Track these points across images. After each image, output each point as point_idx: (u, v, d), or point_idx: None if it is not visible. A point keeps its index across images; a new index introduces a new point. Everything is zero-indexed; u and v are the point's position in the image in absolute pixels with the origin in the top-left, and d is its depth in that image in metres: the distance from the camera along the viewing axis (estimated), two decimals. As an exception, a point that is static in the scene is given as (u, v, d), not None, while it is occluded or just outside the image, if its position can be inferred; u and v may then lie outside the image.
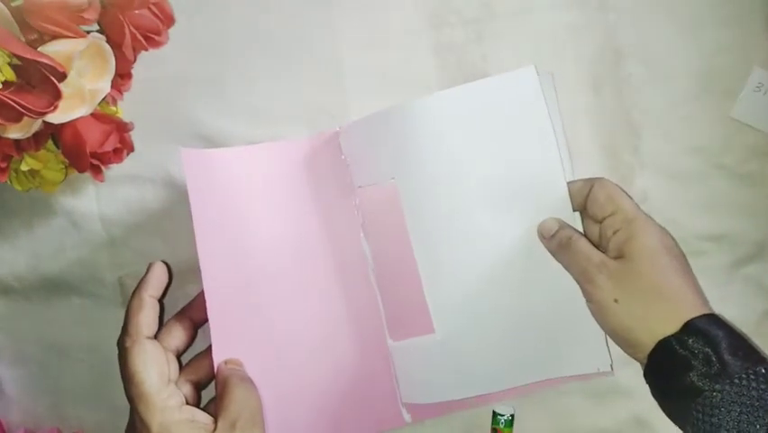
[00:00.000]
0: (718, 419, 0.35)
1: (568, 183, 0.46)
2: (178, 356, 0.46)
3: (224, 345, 0.45)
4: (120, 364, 0.44)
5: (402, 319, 0.49)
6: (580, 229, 0.46)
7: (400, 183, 0.47)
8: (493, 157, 0.46)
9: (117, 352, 0.44)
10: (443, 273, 0.47)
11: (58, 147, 0.45)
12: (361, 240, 0.50)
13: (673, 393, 0.38)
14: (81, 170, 0.45)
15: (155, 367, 0.43)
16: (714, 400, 0.36)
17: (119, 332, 0.45)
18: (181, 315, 0.47)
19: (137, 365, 0.42)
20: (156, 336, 0.45)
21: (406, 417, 0.50)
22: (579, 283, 0.43)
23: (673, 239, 0.44)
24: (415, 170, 0.46)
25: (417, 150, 0.46)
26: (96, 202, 0.51)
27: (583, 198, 0.45)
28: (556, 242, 0.44)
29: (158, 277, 0.46)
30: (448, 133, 0.46)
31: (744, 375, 0.36)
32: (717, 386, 0.36)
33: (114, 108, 0.47)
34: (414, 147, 0.46)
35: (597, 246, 0.44)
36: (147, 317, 0.44)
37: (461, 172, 0.46)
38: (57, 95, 0.39)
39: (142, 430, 0.41)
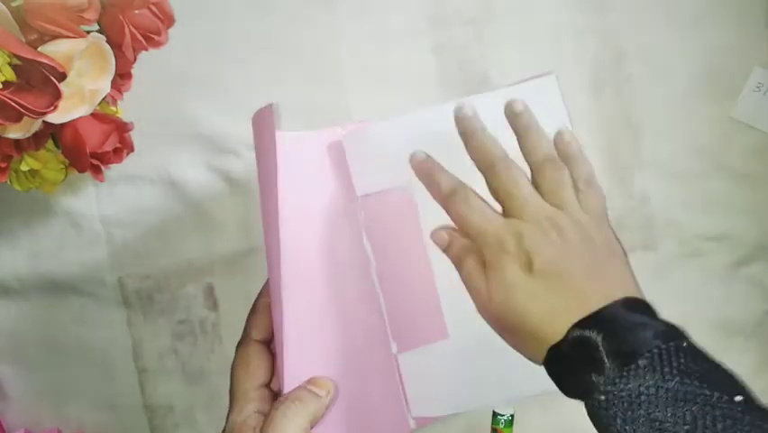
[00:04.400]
0: (606, 420, 0.33)
1: None
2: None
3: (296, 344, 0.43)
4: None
5: (410, 325, 0.49)
6: None
7: (417, 187, 0.46)
8: None
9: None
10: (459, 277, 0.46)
11: (58, 147, 0.45)
12: (363, 241, 0.50)
13: (568, 391, 0.37)
14: (81, 170, 0.45)
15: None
16: (600, 405, 0.34)
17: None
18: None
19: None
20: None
21: (411, 423, 0.50)
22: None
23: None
24: None
25: (436, 156, 0.46)
26: (96, 202, 0.51)
27: None
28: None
29: None
30: None
31: (618, 378, 0.33)
32: (596, 394, 0.34)
33: (114, 108, 0.47)
34: (432, 153, 0.46)
35: None
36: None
37: (479, 178, 0.46)
38: (57, 95, 0.39)
39: None
